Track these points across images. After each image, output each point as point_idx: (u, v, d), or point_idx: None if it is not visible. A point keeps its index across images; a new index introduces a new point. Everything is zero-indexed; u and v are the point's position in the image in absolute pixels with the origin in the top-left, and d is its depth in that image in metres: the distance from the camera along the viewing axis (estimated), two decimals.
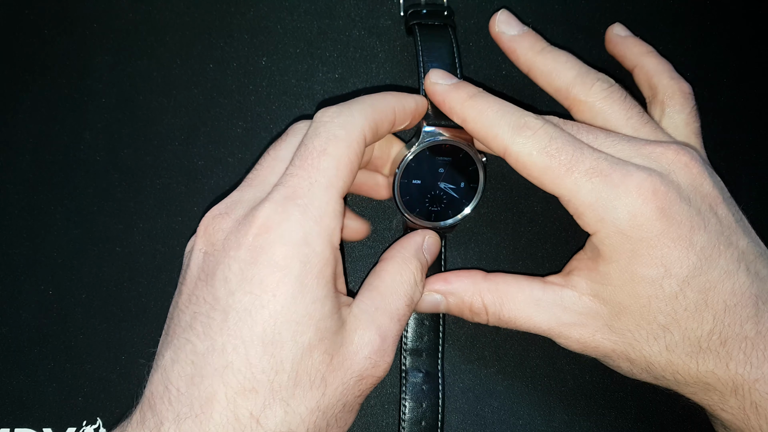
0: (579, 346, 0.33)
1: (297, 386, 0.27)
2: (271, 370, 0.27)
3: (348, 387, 0.29)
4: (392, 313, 0.31)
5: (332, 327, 0.28)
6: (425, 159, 0.35)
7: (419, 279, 0.33)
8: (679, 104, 0.36)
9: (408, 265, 0.33)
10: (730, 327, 0.30)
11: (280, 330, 0.27)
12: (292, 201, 0.28)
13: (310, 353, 0.27)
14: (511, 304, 0.33)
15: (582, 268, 0.33)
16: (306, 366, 0.27)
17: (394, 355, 0.30)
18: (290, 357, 0.27)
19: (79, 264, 0.39)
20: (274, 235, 0.28)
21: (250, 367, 0.27)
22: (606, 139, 0.33)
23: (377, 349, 0.29)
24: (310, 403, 0.27)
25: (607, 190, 0.30)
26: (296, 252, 0.28)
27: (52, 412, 0.38)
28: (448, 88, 0.34)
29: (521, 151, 0.31)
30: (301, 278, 0.27)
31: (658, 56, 0.38)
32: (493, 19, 0.38)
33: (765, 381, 0.30)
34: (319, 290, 0.28)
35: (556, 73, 0.36)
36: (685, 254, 0.30)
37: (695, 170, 0.32)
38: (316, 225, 0.28)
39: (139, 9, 0.42)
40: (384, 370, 0.30)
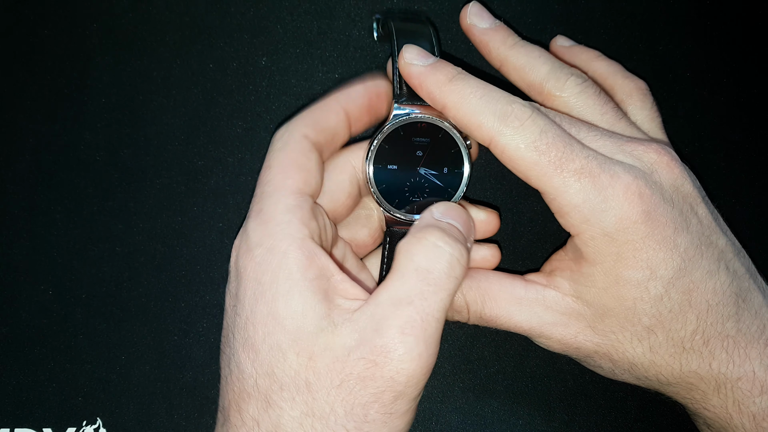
0: (560, 346, 0.33)
1: (283, 390, 0.27)
2: (258, 376, 0.27)
3: (346, 392, 0.26)
4: (396, 300, 0.27)
5: (307, 326, 0.27)
6: (400, 141, 0.32)
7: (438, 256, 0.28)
8: (639, 101, 0.36)
9: (420, 239, 0.28)
10: (713, 326, 0.30)
11: (251, 334, 0.28)
12: (250, 216, 0.30)
13: (283, 355, 0.27)
14: (492, 302, 0.33)
15: (564, 268, 0.33)
16: (283, 368, 0.27)
17: (425, 350, 0.26)
18: (267, 360, 0.27)
19: (79, 264, 0.39)
20: (241, 250, 0.30)
21: (242, 373, 0.28)
22: (589, 133, 0.32)
23: (372, 348, 0.26)
24: (301, 407, 0.27)
25: (595, 192, 0.30)
26: (250, 255, 0.29)
27: (52, 412, 0.38)
28: (425, 70, 0.31)
29: (508, 143, 0.30)
30: (257, 278, 0.28)
31: (607, 59, 0.38)
32: (464, 12, 0.36)
33: (747, 379, 0.30)
34: (281, 287, 0.27)
35: (530, 67, 0.34)
36: (670, 256, 0.30)
37: (676, 170, 0.31)
38: (266, 226, 0.29)
39: (139, 9, 0.42)
40: (399, 371, 0.26)
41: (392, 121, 0.32)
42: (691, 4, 0.44)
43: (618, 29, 0.43)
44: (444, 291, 0.27)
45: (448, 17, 0.42)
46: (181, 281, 0.39)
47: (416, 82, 0.32)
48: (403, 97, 0.33)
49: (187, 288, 0.39)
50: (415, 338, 0.26)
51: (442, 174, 0.33)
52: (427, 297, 0.27)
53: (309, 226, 0.29)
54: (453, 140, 0.33)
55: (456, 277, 0.28)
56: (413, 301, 0.27)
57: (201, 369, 0.38)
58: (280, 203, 0.29)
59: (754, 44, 0.44)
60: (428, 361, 0.27)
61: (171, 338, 0.39)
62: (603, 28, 0.43)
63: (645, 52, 0.43)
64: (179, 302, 0.39)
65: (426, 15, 0.38)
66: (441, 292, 0.27)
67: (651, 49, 0.43)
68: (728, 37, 0.44)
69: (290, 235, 0.28)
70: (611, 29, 0.43)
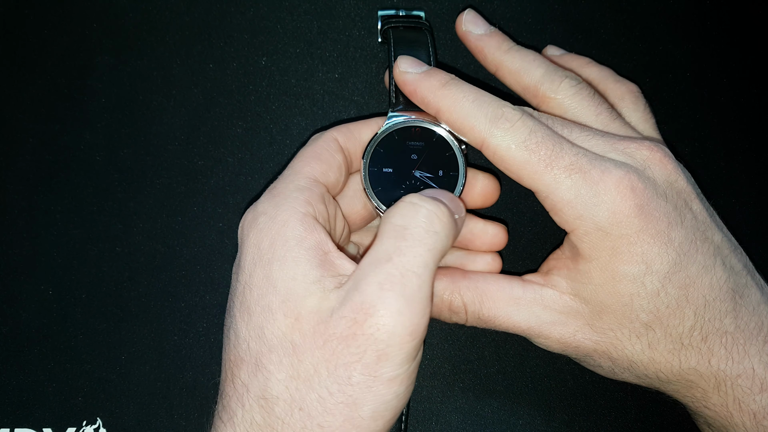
0: (559, 345, 0.33)
1: (272, 352, 0.27)
2: (250, 338, 0.28)
3: (329, 352, 0.26)
4: (375, 259, 0.27)
5: (297, 289, 0.28)
6: (395, 145, 0.33)
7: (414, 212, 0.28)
8: (631, 103, 0.36)
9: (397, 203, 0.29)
10: (711, 322, 0.31)
11: (247, 297, 0.29)
12: (263, 193, 0.32)
13: (272, 315, 0.28)
14: (490, 303, 0.33)
15: (561, 267, 0.33)
16: (272, 330, 0.28)
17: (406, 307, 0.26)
18: (258, 322, 0.28)
19: (79, 264, 0.39)
20: (247, 219, 0.31)
21: (237, 338, 0.29)
22: (581, 134, 0.32)
23: (353, 306, 0.26)
24: (287, 369, 0.27)
25: (587, 187, 0.30)
26: (254, 223, 0.30)
27: (52, 412, 0.38)
28: (419, 77, 0.33)
29: (499, 144, 0.31)
30: (257, 243, 0.29)
31: (597, 65, 0.38)
32: (459, 19, 0.37)
33: (747, 376, 0.30)
34: (277, 252, 0.28)
35: (524, 71, 0.35)
36: (665, 250, 0.30)
37: (669, 167, 0.32)
38: (273, 200, 0.30)
39: (139, 9, 0.42)
40: (378, 327, 0.26)
41: (387, 126, 0.33)
42: (691, 4, 0.44)
43: (618, 29, 0.43)
44: (422, 246, 0.27)
45: (449, 17, 0.42)
46: (181, 281, 0.39)
47: (411, 89, 0.33)
48: (399, 105, 0.34)
49: (187, 288, 0.39)
50: (394, 294, 0.26)
51: (438, 177, 0.34)
52: (404, 252, 0.27)
53: (315, 207, 0.30)
54: (447, 143, 0.33)
55: (435, 232, 0.28)
56: (391, 257, 0.27)
57: (201, 369, 0.38)
58: (292, 183, 0.31)
59: (754, 44, 0.44)
60: (411, 320, 0.26)
61: (171, 338, 0.39)
62: (603, 28, 0.43)
63: (645, 52, 0.43)
64: (179, 302, 0.39)
65: (425, 19, 0.38)
66: (419, 247, 0.27)
67: (651, 49, 0.43)
68: (728, 37, 0.44)
69: (293, 207, 0.30)
70: (611, 29, 0.43)
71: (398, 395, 0.27)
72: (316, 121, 0.41)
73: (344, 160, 0.33)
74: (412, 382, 0.28)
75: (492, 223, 0.36)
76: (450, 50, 0.42)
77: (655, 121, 0.37)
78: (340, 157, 0.33)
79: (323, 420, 0.26)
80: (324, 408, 0.26)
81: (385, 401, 0.27)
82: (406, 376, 0.27)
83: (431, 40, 0.36)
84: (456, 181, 0.34)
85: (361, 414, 0.26)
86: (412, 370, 0.27)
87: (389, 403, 0.27)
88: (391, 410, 0.27)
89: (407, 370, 0.27)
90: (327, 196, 0.32)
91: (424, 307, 0.27)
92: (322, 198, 0.31)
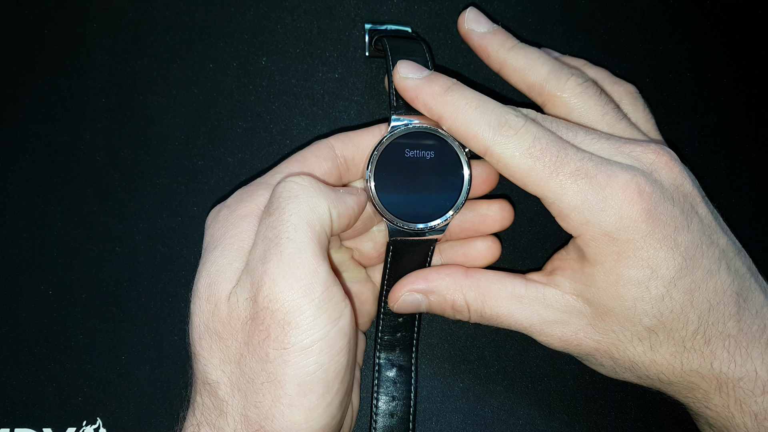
0: (560, 343, 0.33)
1: (202, 338, 0.29)
2: (193, 328, 0.29)
3: (246, 335, 0.27)
4: (257, 241, 0.28)
5: (223, 273, 0.29)
6: (398, 151, 0.33)
7: (273, 192, 0.30)
8: (630, 105, 0.36)
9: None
10: (714, 326, 0.30)
11: (195, 284, 0.30)
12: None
13: (199, 301, 0.29)
14: (492, 301, 0.33)
15: (565, 267, 0.33)
16: (200, 316, 0.29)
17: (289, 270, 0.27)
18: (192, 309, 0.29)
19: (79, 264, 0.39)
20: (213, 211, 0.32)
21: (191, 327, 0.30)
22: (586, 137, 0.32)
23: (250, 286, 0.27)
24: (218, 354, 0.28)
25: (593, 192, 0.30)
26: (215, 214, 0.31)
27: (52, 412, 0.38)
28: (420, 82, 0.32)
29: (503, 152, 0.30)
30: (212, 233, 0.31)
31: (593, 66, 0.38)
32: (461, 17, 0.37)
33: (749, 378, 0.30)
34: (223, 241, 0.30)
35: (530, 68, 0.35)
36: (671, 255, 0.30)
37: (676, 170, 0.32)
38: (241, 196, 0.31)
39: (139, 9, 0.42)
40: (269, 297, 0.26)
41: (390, 132, 0.33)
42: (691, 4, 0.44)
43: (618, 29, 0.43)
44: (286, 212, 0.28)
45: (449, 18, 0.42)
46: (181, 281, 0.39)
47: (412, 95, 0.32)
48: (401, 109, 0.33)
49: (187, 288, 0.39)
50: (273, 262, 0.27)
51: (442, 182, 0.33)
52: (273, 225, 0.28)
53: None
54: (451, 148, 0.33)
55: (295, 196, 0.29)
56: (266, 234, 0.28)
57: None
58: (264, 181, 0.32)
59: (754, 44, 0.44)
60: (299, 282, 0.27)
61: (171, 338, 0.39)
62: (603, 28, 0.43)
63: (645, 52, 0.43)
64: (179, 302, 0.39)
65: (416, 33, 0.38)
66: (283, 215, 0.28)
67: (651, 49, 0.43)
68: (728, 37, 0.44)
69: (255, 204, 0.30)
70: (611, 29, 0.43)
71: (322, 365, 0.27)
72: (316, 121, 0.41)
73: (334, 168, 0.33)
74: (339, 352, 0.27)
75: (495, 200, 0.36)
76: (450, 50, 0.42)
77: (655, 122, 0.37)
78: (328, 164, 0.33)
79: (256, 400, 0.27)
80: (254, 388, 0.27)
81: (308, 373, 0.26)
82: (325, 344, 0.27)
83: (427, 47, 0.36)
84: (461, 186, 0.33)
85: (287, 391, 0.26)
86: (334, 337, 0.27)
87: (314, 374, 0.27)
88: (320, 382, 0.27)
89: (323, 336, 0.27)
90: None
91: (311, 267, 0.27)
92: None
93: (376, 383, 0.36)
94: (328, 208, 0.29)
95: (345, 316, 0.28)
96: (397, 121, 0.33)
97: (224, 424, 0.28)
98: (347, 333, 0.28)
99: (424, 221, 0.33)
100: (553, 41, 0.42)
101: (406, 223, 0.33)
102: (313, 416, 0.27)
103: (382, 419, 0.35)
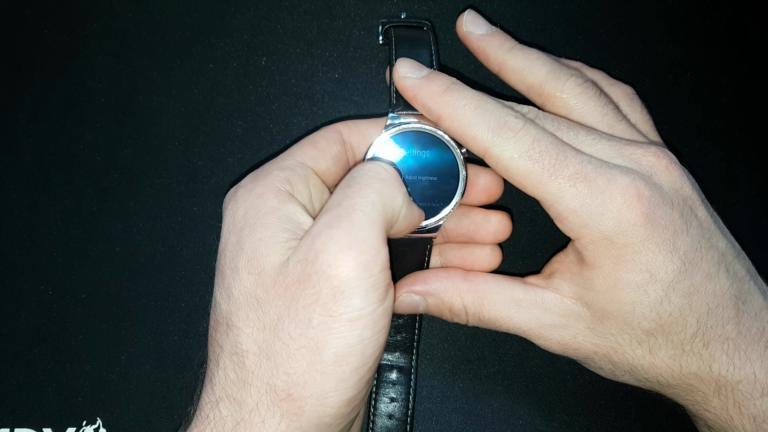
0: (559, 347, 0.33)
1: (239, 309, 0.28)
2: (222, 300, 0.29)
3: (289, 298, 0.27)
4: (326, 209, 0.29)
5: (262, 249, 0.28)
6: (395, 149, 0.33)
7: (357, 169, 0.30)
8: (628, 106, 0.36)
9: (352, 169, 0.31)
10: (713, 329, 0.30)
11: (221, 263, 0.30)
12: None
13: (239, 275, 0.29)
14: (491, 305, 0.33)
15: (564, 271, 0.33)
16: (239, 288, 0.29)
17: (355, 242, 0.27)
18: (228, 283, 0.29)
19: (79, 264, 0.39)
20: (229, 194, 0.32)
21: (214, 303, 0.30)
22: (586, 137, 0.32)
23: (307, 249, 0.27)
24: (254, 323, 0.28)
25: (592, 195, 0.30)
26: (233, 196, 0.31)
27: (52, 412, 0.38)
28: (420, 82, 0.32)
29: (502, 154, 0.30)
30: (233, 214, 0.30)
31: (589, 68, 0.38)
32: (460, 20, 0.37)
33: (748, 381, 0.30)
34: (249, 220, 0.29)
35: (529, 69, 0.35)
36: (670, 259, 0.30)
37: (675, 173, 0.31)
38: (256, 176, 0.31)
39: (139, 9, 0.42)
40: (330, 263, 0.26)
41: (388, 130, 0.33)
42: (691, 4, 0.44)
43: (618, 29, 0.43)
44: (368, 188, 0.28)
45: (449, 18, 0.42)
46: (181, 281, 0.39)
47: (411, 95, 0.32)
48: (400, 107, 0.33)
49: (187, 288, 0.39)
50: (341, 230, 0.27)
51: (438, 180, 0.33)
52: (351, 195, 0.28)
53: (294, 186, 0.31)
54: (448, 148, 0.33)
55: (381, 179, 0.29)
56: (340, 203, 0.28)
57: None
58: (277, 163, 0.32)
59: (754, 44, 0.44)
60: (363, 256, 0.27)
61: (171, 338, 0.39)
62: (603, 28, 0.43)
63: (645, 52, 0.43)
64: (179, 302, 0.39)
65: (428, 21, 0.38)
66: (365, 189, 0.28)
67: (651, 49, 0.43)
68: (728, 37, 0.44)
69: (271, 183, 0.30)
70: (611, 29, 0.43)
71: (363, 340, 0.27)
72: (316, 121, 0.41)
73: (343, 151, 0.33)
74: (380, 331, 0.28)
75: (494, 212, 0.36)
76: (450, 51, 0.42)
77: (653, 122, 0.36)
78: (338, 147, 0.33)
79: (288, 367, 0.27)
80: (288, 354, 0.27)
81: (348, 344, 0.27)
82: (370, 320, 0.27)
83: (434, 39, 0.36)
84: (456, 185, 0.33)
85: (323, 358, 0.26)
86: (379, 315, 0.27)
87: (353, 347, 0.27)
88: (357, 356, 0.27)
89: (371, 313, 0.27)
90: (313, 180, 0.32)
91: (376, 245, 0.27)
92: (306, 180, 0.31)
93: (375, 384, 0.36)
94: (402, 204, 0.29)
95: (390, 298, 0.28)
96: (394, 119, 0.33)
97: (246, 396, 0.27)
98: (389, 314, 0.28)
99: None
100: (553, 41, 0.42)
101: None
102: (343, 387, 0.27)
103: (380, 420, 0.35)
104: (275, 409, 0.27)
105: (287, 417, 0.27)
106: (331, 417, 0.27)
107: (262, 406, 0.27)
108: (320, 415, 0.27)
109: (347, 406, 0.27)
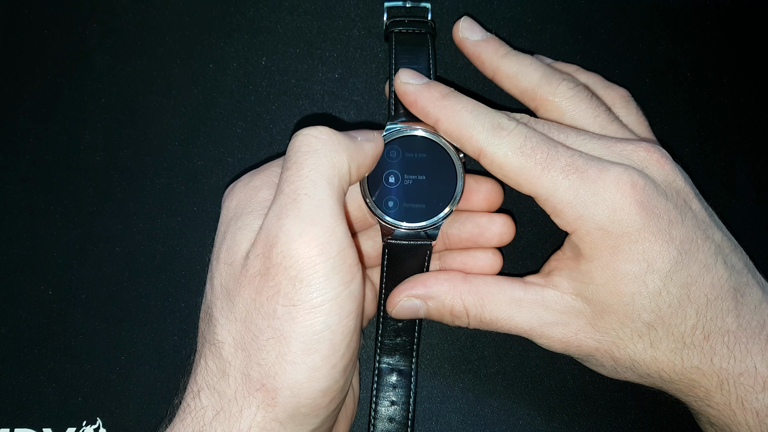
0: (561, 345, 0.33)
1: (217, 299, 0.29)
2: (208, 292, 0.30)
3: (254, 291, 0.27)
4: (275, 197, 0.28)
5: (241, 240, 0.29)
6: (393, 153, 0.34)
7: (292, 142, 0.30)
8: (623, 108, 0.37)
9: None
10: (713, 321, 0.31)
11: (212, 253, 0.31)
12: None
13: (218, 265, 0.30)
14: (492, 306, 0.33)
15: (562, 267, 0.33)
16: (218, 278, 0.29)
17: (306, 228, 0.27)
18: (212, 274, 0.30)
19: (79, 264, 0.39)
20: (228, 187, 0.33)
21: (204, 294, 0.31)
22: (577, 138, 0.33)
23: (263, 243, 0.27)
24: (227, 314, 0.28)
25: (585, 186, 0.30)
26: (231, 189, 0.32)
27: (52, 412, 0.38)
28: (420, 88, 0.33)
29: (496, 152, 0.31)
30: (228, 205, 0.31)
31: (585, 71, 0.39)
32: (456, 26, 0.38)
33: (749, 374, 0.30)
34: (240, 211, 0.30)
35: (522, 74, 0.36)
36: (666, 248, 0.30)
37: (667, 167, 0.32)
38: (255, 171, 0.32)
39: (139, 9, 0.42)
40: (284, 253, 0.26)
41: (386, 134, 0.34)
42: (691, 4, 0.44)
43: (618, 29, 0.43)
44: (305, 167, 0.28)
45: (449, 18, 0.42)
46: (181, 281, 0.39)
47: (411, 99, 0.33)
48: (399, 117, 0.34)
49: (187, 288, 0.39)
50: (290, 218, 0.27)
51: (436, 184, 0.34)
52: (291, 180, 0.28)
53: None
54: (445, 152, 0.34)
55: (315, 150, 0.28)
56: (283, 189, 0.28)
57: None
58: (277, 162, 0.32)
59: (754, 44, 0.44)
60: (316, 240, 0.27)
61: (171, 338, 0.39)
62: (603, 28, 0.43)
63: (645, 52, 0.43)
64: (179, 302, 0.39)
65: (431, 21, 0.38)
66: (302, 170, 0.28)
67: (651, 49, 0.43)
68: (728, 37, 0.44)
69: (268, 177, 0.31)
70: (611, 29, 0.43)
71: (330, 326, 0.27)
72: (316, 121, 0.41)
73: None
74: (348, 315, 0.27)
75: (498, 215, 0.36)
76: (450, 50, 0.42)
77: (649, 124, 0.37)
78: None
79: (260, 358, 0.27)
80: (258, 346, 0.27)
81: (315, 332, 0.27)
82: (335, 304, 0.27)
83: (432, 49, 0.36)
84: (454, 189, 0.34)
85: (292, 348, 0.26)
86: (344, 299, 0.27)
87: (320, 334, 0.27)
88: (326, 343, 0.27)
89: (335, 297, 0.27)
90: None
91: (329, 225, 0.27)
92: None
93: (375, 387, 0.36)
94: (348, 162, 0.29)
95: (357, 279, 0.28)
96: (393, 125, 0.34)
97: (225, 387, 0.28)
98: (357, 297, 0.28)
99: (415, 221, 0.33)
100: (553, 42, 0.42)
101: (396, 221, 0.33)
102: (316, 376, 0.27)
103: (380, 423, 0.35)
104: (251, 399, 0.27)
105: (263, 407, 0.27)
106: (307, 407, 0.27)
107: (239, 396, 0.27)
108: (295, 406, 0.27)
109: (323, 396, 0.27)
